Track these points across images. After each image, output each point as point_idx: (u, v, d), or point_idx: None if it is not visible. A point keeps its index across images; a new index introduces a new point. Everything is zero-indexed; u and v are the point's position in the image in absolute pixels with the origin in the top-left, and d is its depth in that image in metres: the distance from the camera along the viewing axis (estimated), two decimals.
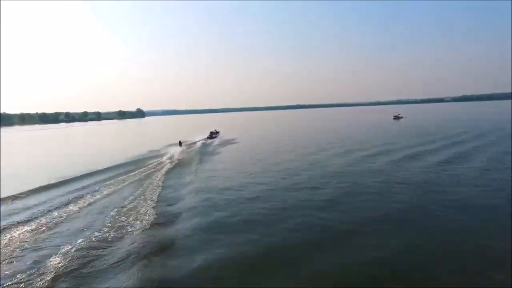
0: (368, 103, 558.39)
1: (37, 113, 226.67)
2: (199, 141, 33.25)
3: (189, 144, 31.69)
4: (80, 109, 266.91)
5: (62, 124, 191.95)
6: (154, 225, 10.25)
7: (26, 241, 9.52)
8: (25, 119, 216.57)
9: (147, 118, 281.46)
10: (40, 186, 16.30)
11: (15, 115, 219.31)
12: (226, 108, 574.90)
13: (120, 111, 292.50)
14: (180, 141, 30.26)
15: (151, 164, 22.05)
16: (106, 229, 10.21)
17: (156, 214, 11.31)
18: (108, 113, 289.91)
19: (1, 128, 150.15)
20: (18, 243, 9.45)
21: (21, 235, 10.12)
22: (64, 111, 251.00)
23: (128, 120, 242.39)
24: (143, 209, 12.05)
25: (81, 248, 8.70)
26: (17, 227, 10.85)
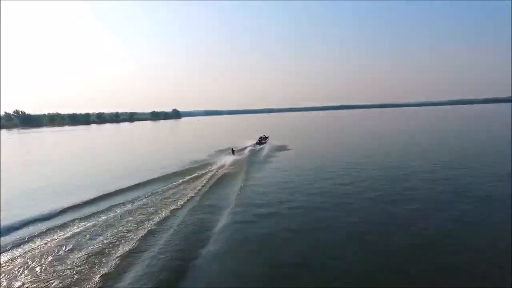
0: (419, 104, 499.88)
1: (74, 113, 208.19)
2: (249, 146, 30.65)
3: (240, 150, 28.08)
4: (111, 110, 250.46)
5: (93, 126, 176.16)
6: None
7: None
8: (55, 120, 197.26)
9: (183, 119, 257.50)
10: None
11: (44, 115, 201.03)
12: (270, 109, 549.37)
13: (154, 111, 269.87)
14: (232, 149, 25.96)
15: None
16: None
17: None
18: (141, 114, 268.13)
19: (32, 129, 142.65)
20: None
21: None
22: (95, 111, 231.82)
23: (162, 121, 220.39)
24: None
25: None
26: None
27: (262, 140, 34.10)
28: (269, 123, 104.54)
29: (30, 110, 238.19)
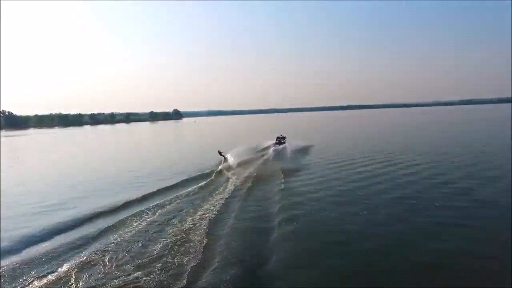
0: (428, 104, 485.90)
1: (65, 114, 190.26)
2: (270, 146, 31.25)
3: (263, 150, 29.20)
4: (112, 110, 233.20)
5: (87, 127, 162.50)
6: None
7: None
8: (42, 121, 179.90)
9: (185, 120, 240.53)
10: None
11: (31, 116, 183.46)
12: (274, 109, 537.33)
13: (152, 112, 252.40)
14: (219, 151, 25.03)
15: None
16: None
17: None
18: (139, 114, 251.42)
19: (15, 132, 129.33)
20: None
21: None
22: (96, 112, 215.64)
23: (161, 122, 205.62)
24: None
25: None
26: None
27: (281, 140, 34.02)
28: (281, 123, 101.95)
29: (30, 111, 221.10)
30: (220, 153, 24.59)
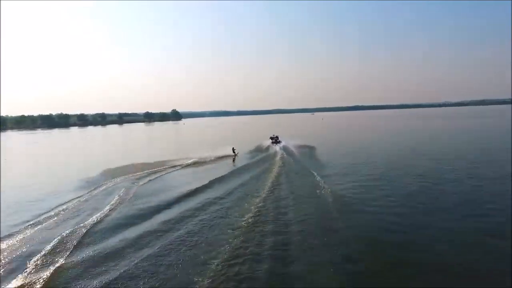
0: (435, 105, 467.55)
1: (40, 115, 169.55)
2: (271, 145, 33.07)
3: (265, 149, 30.59)
4: (98, 111, 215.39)
5: (74, 129, 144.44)
6: None
7: None
8: (23, 122, 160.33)
9: (183, 121, 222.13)
10: None
11: (9, 117, 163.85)
12: (278, 109, 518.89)
13: (148, 112, 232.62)
14: (233, 148, 28.70)
15: None
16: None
17: None
18: (134, 115, 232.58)
19: None
20: None
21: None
22: (95, 112, 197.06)
23: (156, 123, 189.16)
24: None
25: None
26: None
27: (276, 140, 34.83)
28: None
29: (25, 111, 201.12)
30: (233, 150, 28.62)
